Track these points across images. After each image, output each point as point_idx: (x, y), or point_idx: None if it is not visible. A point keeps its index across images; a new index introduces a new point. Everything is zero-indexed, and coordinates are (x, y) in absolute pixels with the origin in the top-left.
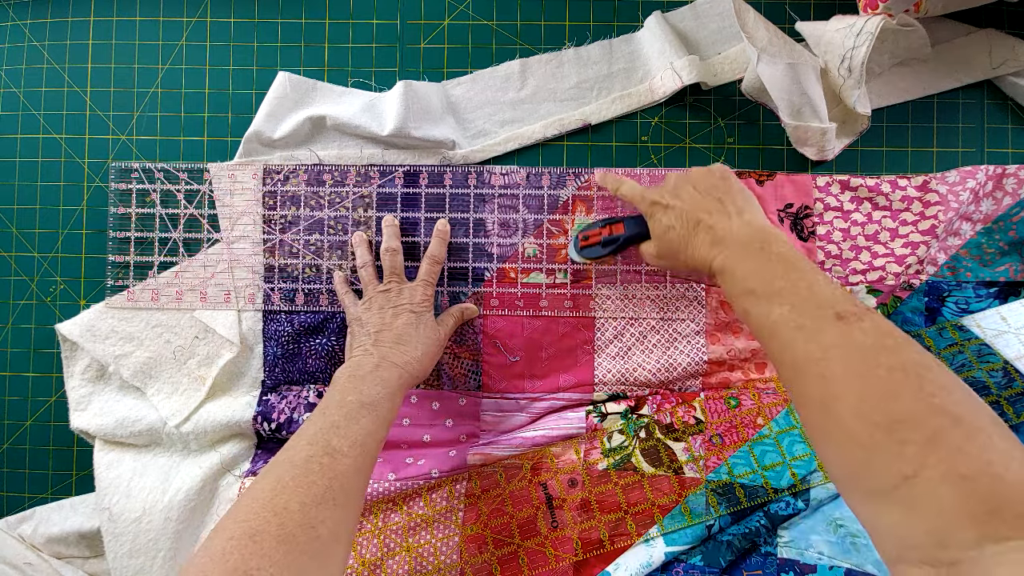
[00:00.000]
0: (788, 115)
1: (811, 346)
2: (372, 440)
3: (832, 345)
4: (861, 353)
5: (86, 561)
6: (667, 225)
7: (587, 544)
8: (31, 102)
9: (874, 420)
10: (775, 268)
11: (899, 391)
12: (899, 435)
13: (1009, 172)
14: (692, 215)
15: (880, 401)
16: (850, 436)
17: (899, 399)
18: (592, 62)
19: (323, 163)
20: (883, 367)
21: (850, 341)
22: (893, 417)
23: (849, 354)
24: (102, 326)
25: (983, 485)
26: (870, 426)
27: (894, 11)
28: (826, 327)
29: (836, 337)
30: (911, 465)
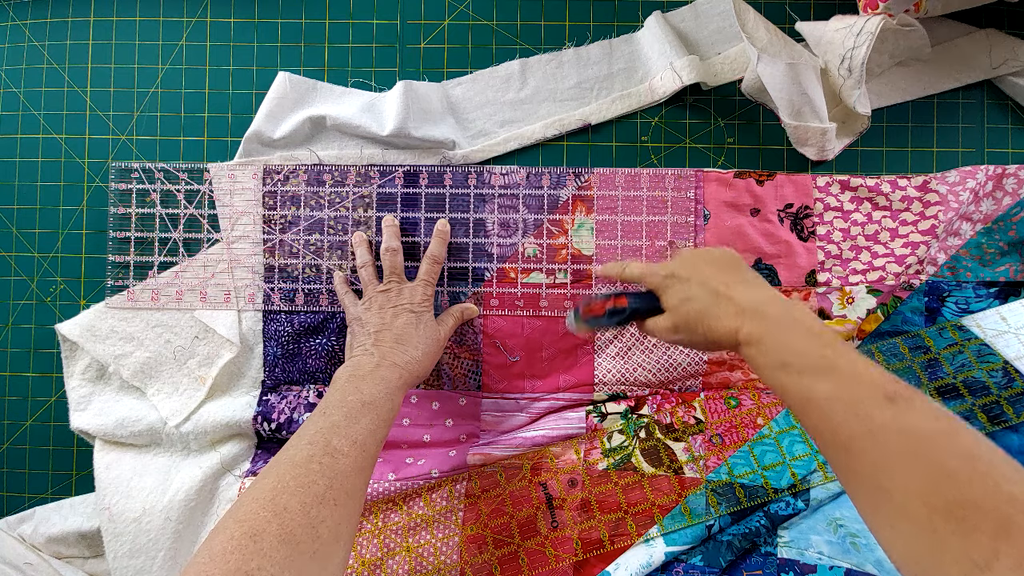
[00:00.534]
0: (788, 115)
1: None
2: (372, 440)
3: (886, 428)
4: (917, 437)
5: (86, 561)
6: (685, 296)
7: (587, 544)
8: (31, 102)
9: (937, 506)
10: (809, 341)
11: (961, 476)
12: (967, 523)
13: (1009, 172)
14: (711, 286)
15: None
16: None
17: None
18: (592, 62)
19: (323, 163)
20: (943, 451)
21: (905, 424)
22: (958, 503)
23: (906, 437)
24: (102, 326)
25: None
26: (932, 512)
27: (894, 11)
28: (876, 407)
29: (890, 419)
30: (983, 555)
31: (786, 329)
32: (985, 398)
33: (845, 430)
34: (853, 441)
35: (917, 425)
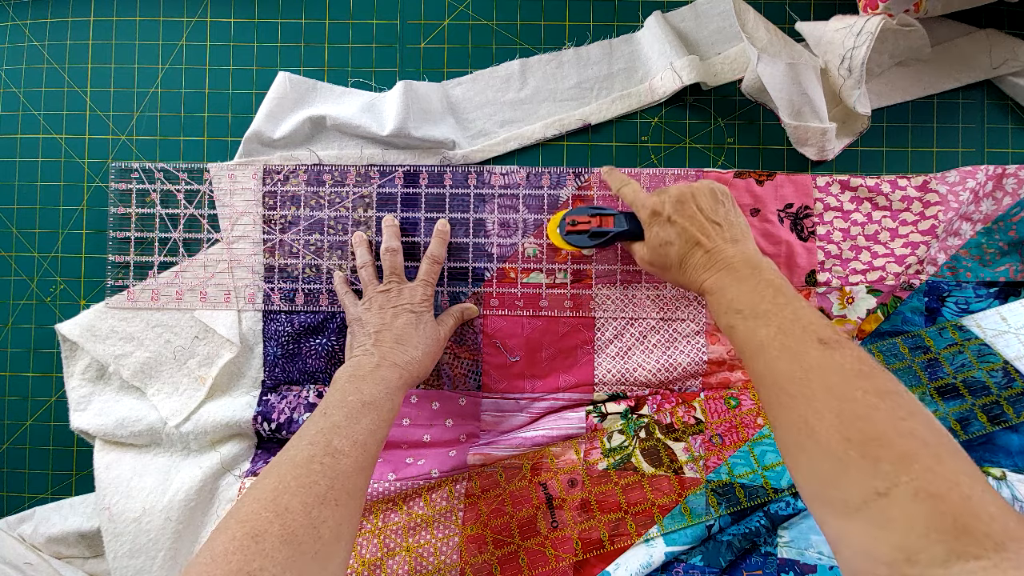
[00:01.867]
0: (788, 115)
1: (794, 366)
2: (373, 440)
3: (813, 367)
4: (840, 376)
5: (86, 561)
6: (665, 239)
7: (587, 544)
8: (31, 102)
9: (849, 437)
10: (763, 292)
11: (874, 413)
12: (873, 453)
13: (1009, 172)
14: (692, 235)
15: (856, 420)
16: (826, 452)
17: (873, 420)
18: (592, 62)
19: (323, 163)
20: (859, 390)
21: (830, 364)
22: (868, 435)
23: (829, 376)
24: (102, 326)
25: (952, 504)
26: (845, 442)
27: (894, 11)
28: (809, 350)
29: (818, 359)
30: (884, 482)
31: (744, 280)
32: (985, 398)
33: (783, 371)
34: (789, 383)
35: (840, 365)
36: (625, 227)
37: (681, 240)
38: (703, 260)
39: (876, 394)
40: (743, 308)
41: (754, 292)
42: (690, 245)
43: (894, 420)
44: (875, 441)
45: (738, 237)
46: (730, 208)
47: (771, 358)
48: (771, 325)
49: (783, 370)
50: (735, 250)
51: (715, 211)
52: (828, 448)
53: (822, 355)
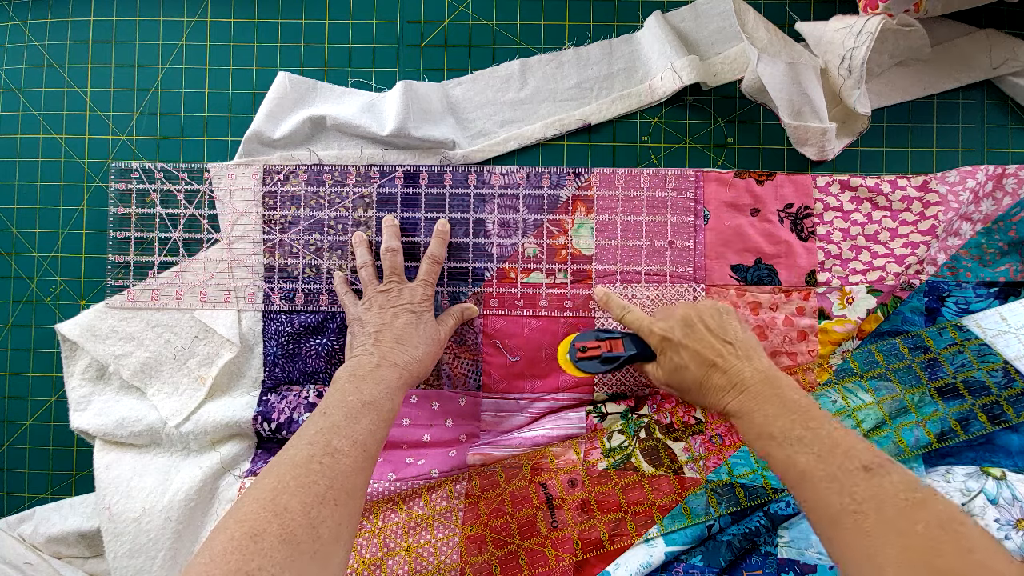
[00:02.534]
0: (788, 115)
1: (844, 499)
2: (373, 440)
3: (866, 499)
4: (896, 508)
5: (86, 561)
6: (679, 364)
7: (587, 544)
8: (31, 102)
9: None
10: (793, 415)
11: (940, 547)
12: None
13: (1009, 172)
14: (705, 358)
15: (922, 556)
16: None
17: (941, 555)
18: (592, 62)
19: (323, 163)
20: (920, 523)
21: (883, 494)
22: (940, 571)
23: (885, 508)
24: (102, 326)
25: None
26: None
27: (894, 11)
28: (856, 480)
29: (868, 490)
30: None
31: (770, 402)
32: (985, 398)
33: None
34: (843, 516)
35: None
36: (635, 351)
37: (696, 363)
38: (722, 382)
39: (938, 526)
40: (776, 434)
41: (782, 415)
42: (705, 367)
43: (961, 553)
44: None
45: (751, 354)
46: (737, 325)
47: (818, 489)
48: (810, 452)
49: (834, 503)
50: (751, 369)
51: (724, 330)
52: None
53: (870, 484)
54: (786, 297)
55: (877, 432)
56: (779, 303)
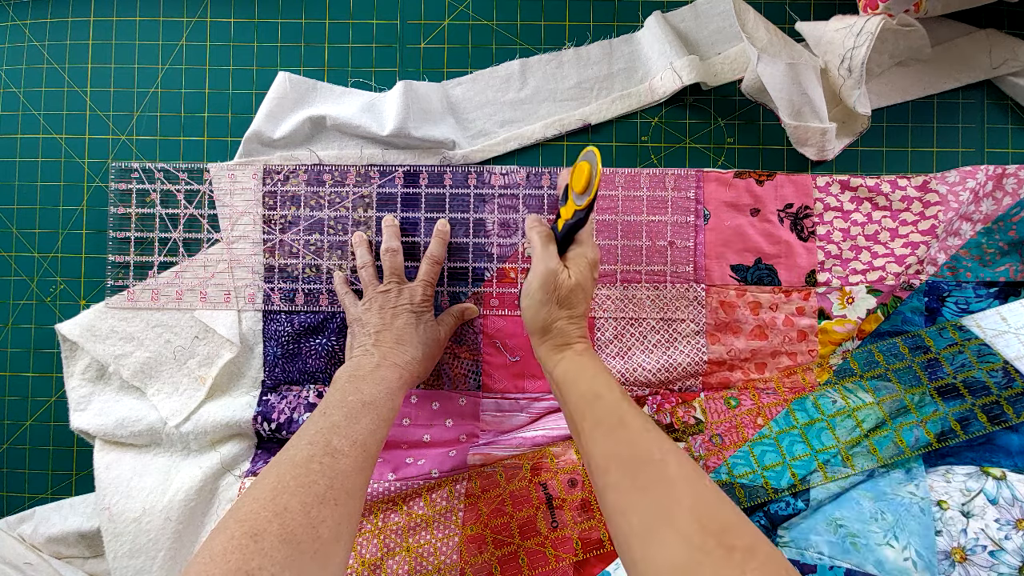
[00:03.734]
0: (788, 115)
1: (653, 448)
2: (373, 440)
3: (670, 451)
4: (692, 466)
5: (86, 561)
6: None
7: (587, 544)
8: (31, 102)
9: (706, 526)
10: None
11: (723, 504)
12: (728, 542)
13: (1009, 172)
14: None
15: (710, 509)
16: (683, 540)
17: (724, 511)
18: (592, 62)
19: (323, 163)
20: (705, 479)
21: (683, 454)
22: (722, 525)
23: (684, 464)
24: (102, 326)
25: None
26: (702, 531)
27: (894, 11)
28: (664, 437)
29: (672, 446)
30: (735, 570)
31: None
32: (985, 398)
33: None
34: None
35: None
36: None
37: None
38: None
39: (716, 488)
40: (611, 380)
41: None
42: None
43: (736, 511)
44: (728, 531)
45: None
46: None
47: (634, 433)
48: (632, 405)
49: (644, 450)
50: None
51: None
52: (687, 536)
53: (673, 445)
54: (786, 297)
55: (877, 432)
56: (779, 303)
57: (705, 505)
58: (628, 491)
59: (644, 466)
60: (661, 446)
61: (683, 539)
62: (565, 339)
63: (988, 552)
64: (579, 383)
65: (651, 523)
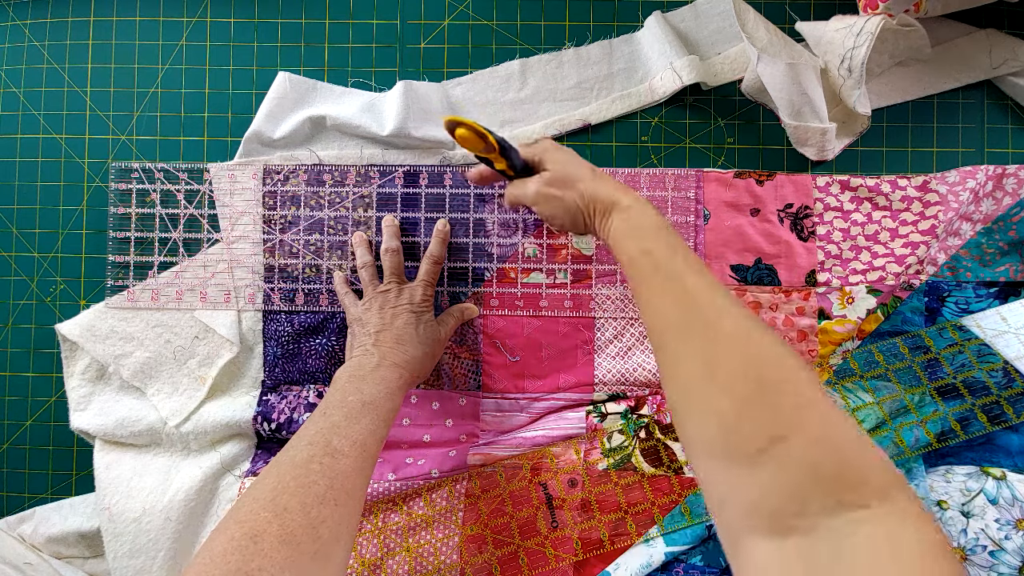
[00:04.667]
0: (788, 115)
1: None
2: (373, 440)
3: (726, 307)
4: (751, 320)
5: (86, 561)
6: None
7: (587, 544)
8: (31, 102)
9: (755, 378)
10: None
11: (782, 360)
12: (774, 399)
13: (1009, 172)
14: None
15: (762, 363)
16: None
17: (781, 366)
18: (592, 62)
19: (323, 163)
20: (767, 335)
21: (740, 308)
22: (773, 379)
23: (739, 319)
24: (102, 326)
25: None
26: (750, 384)
27: (894, 11)
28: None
29: (727, 302)
30: (783, 427)
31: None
32: (985, 398)
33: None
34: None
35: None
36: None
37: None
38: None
39: (780, 343)
40: (661, 227)
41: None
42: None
43: (797, 368)
44: (779, 385)
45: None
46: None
47: (689, 288)
48: (685, 254)
49: (699, 303)
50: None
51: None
52: (731, 390)
53: (729, 298)
54: (786, 297)
55: (877, 432)
56: (779, 303)
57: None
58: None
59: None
60: (714, 302)
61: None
62: (602, 201)
63: (988, 552)
64: (627, 242)
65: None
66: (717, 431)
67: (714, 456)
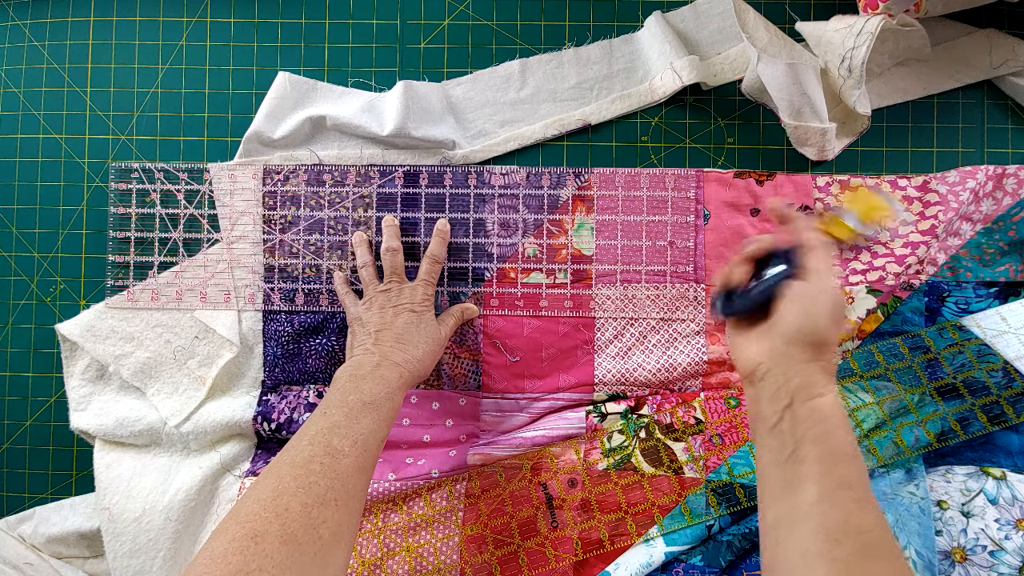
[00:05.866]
0: (788, 115)
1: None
2: (373, 439)
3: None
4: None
5: (86, 561)
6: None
7: (587, 544)
8: (31, 102)
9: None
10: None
11: None
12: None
13: (1009, 172)
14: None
15: None
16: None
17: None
18: (592, 62)
19: (323, 163)
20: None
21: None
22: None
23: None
24: (102, 326)
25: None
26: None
27: (894, 11)
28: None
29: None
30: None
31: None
32: (985, 398)
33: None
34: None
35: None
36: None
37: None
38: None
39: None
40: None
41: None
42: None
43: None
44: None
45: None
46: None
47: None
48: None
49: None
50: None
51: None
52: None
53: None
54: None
55: (877, 432)
56: None
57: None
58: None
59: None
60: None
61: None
62: (832, 368)
63: (988, 552)
64: (842, 430)
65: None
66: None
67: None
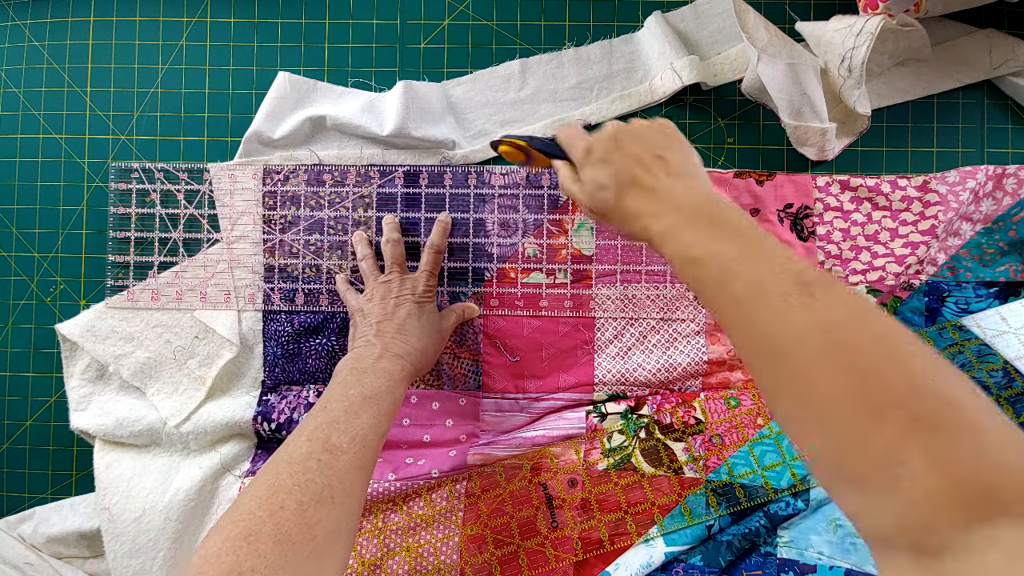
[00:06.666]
0: (788, 115)
1: (782, 327)
2: (373, 435)
3: (806, 327)
4: (839, 332)
5: (86, 561)
6: (599, 183)
7: (587, 544)
8: (31, 102)
9: (862, 408)
10: (722, 240)
11: (886, 373)
12: (887, 420)
13: (1009, 172)
14: (629, 173)
15: (865, 389)
16: (834, 425)
17: (886, 381)
18: (592, 62)
19: (323, 163)
20: (860, 348)
21: (824, 319)
22: (882, 402)
23: (827, 336)
24: (102, 326)
25: (973, 468)
26: (858, 416)
27: (894, 11)
28: (794, 304)
29: (807, 315)
30: (899, 452)
31: (703, 228)
32: None
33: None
34: (780, 348)
35: (835, 318)
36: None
37: (616, 181)
38: (646, 203)
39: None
40: (703, 256)
41: (714, 237)
42: (626, 186)
43: (910, 378)
44: (890, 407)
45: (687, 172)
46: (677, 141)
47: (751, 318)
48: (740, 278)
49: (770, 332)
50: (684, 186)
51: (656, 143)
52: (836, 423)
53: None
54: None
55: None
56: None
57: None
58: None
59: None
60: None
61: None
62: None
63: None
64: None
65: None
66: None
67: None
